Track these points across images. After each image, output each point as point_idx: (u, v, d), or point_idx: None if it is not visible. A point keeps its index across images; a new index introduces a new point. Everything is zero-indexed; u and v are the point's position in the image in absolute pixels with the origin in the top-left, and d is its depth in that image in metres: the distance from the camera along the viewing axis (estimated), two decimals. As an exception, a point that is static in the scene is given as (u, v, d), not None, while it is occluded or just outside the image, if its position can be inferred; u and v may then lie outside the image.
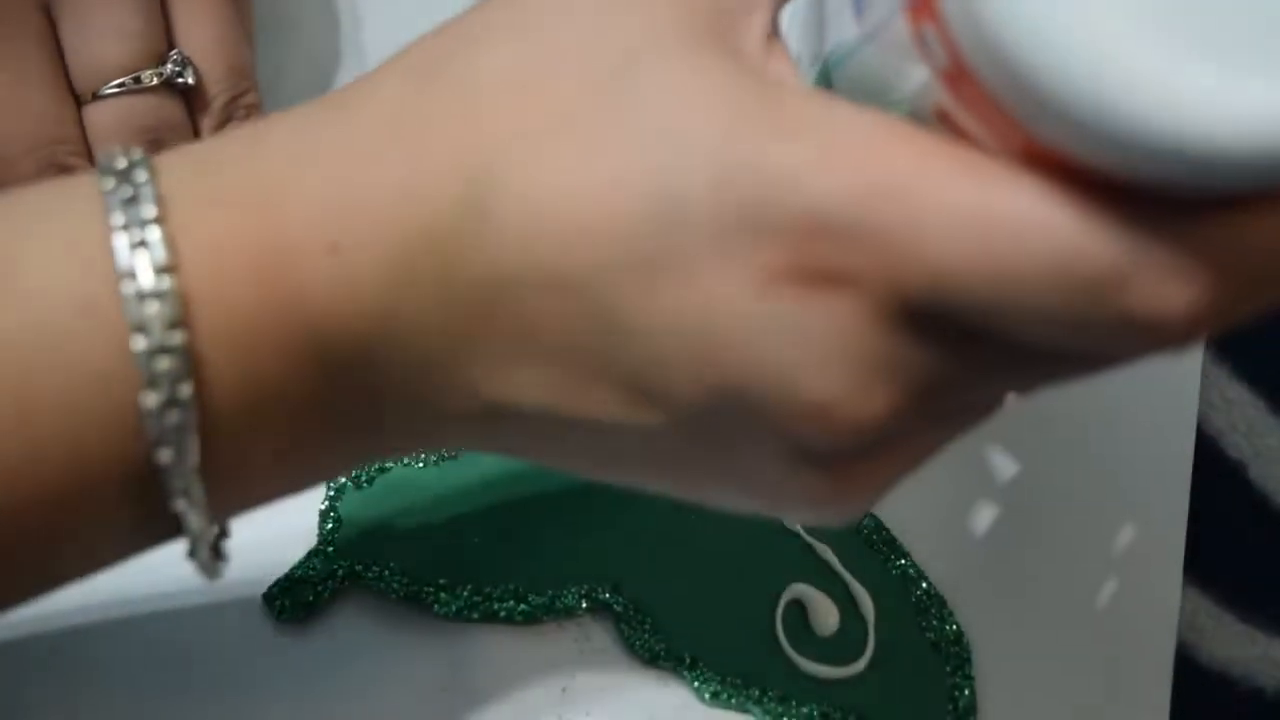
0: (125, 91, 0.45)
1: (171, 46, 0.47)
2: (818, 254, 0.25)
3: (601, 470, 0.31)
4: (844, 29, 0.29)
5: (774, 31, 0.28)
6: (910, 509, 0.48)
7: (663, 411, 0.27)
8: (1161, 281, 0.24)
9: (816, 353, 0.26)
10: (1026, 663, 0.46)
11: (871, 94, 0.28)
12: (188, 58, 0.47)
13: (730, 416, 0.27)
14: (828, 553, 0.47)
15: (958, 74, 0.24)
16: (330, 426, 0.30)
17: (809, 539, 0.47)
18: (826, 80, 0.31)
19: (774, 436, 0.27)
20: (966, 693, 0.45)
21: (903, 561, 0.47)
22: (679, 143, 0.26)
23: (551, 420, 0.28)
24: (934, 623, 0.46)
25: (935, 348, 0.26)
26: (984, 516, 0.49)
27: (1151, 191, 0.24)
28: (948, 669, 0.45)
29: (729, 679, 0.45)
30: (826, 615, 0.46)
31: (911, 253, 0.25)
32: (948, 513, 0.48)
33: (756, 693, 0.45)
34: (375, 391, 0.29)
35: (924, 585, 0.47)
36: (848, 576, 0.46)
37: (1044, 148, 0.24)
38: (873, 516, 0.48)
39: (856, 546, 0.47)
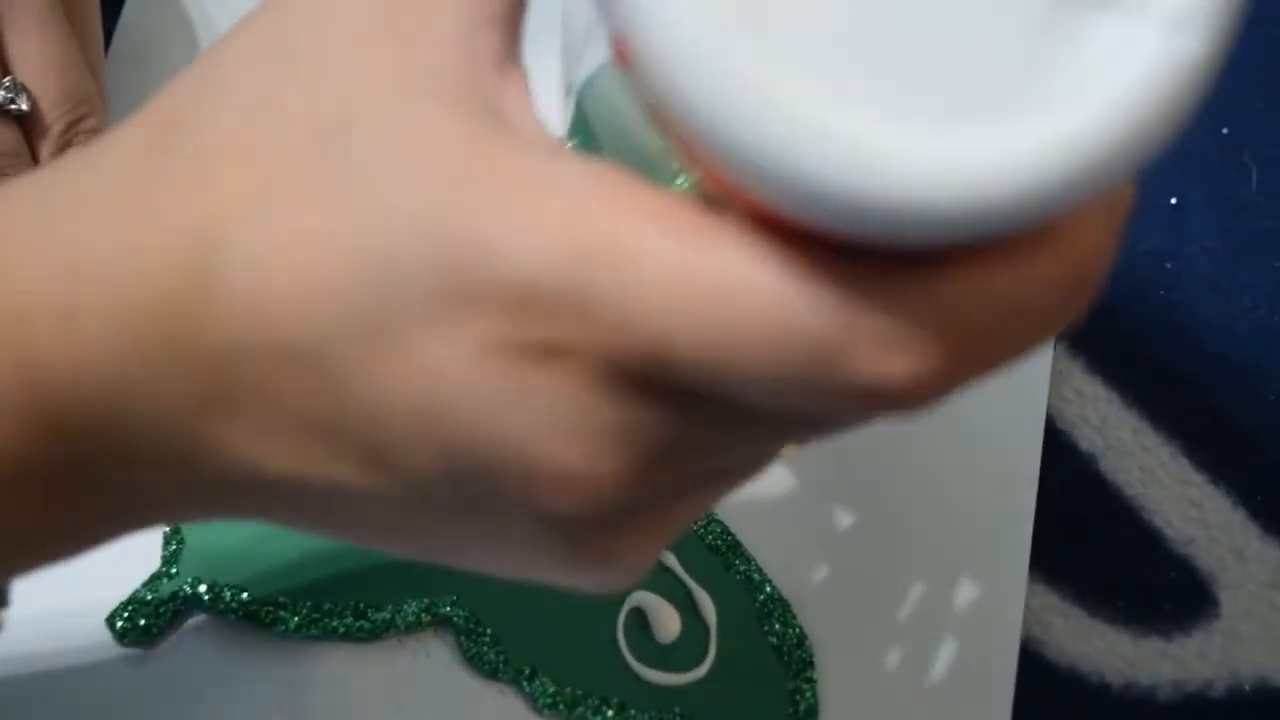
0: (-42, 120, 0.46)
1: (5, 73, 0.47)
2: (530, 325, 0.24)
3: (363, 538, 0.30)
4: (591, 55, 0.28)
5: (513, 57, 0.27)
6: (754, 512, 0.48)
7: (403, 481, 0.27)
8: (878, 349, 0.23)
9: (541, 423, 0.25)
10: (870, 665, 0.46)
11: (616, 129, 0.27)
12: (22, 84, 0.47)
13: (470, 484, 0.26)
14: (670, 559, 0.47)
15: (664, 116, 0.23)
16: (87, 496, 0.29)
17: (653, 546, 0.47)
18: (581, 112, 0.30)
19: (516, 506, 0.26)
20: (809, 696, 0.45)
21: (746, 566, 0.47)
22: (387, 203, 0.25)
23: (302, 490, 0.28)
24: (777, 626, 0.46)
25: (666, 413, 0.25)
26: (828, 517, 0.49)
27: (868, 250, 0.22)
28: (790, 672, 0.46)
29: (568, 689, 0.45)
30: (668, 622, 0.46)
31: (623, 319, 0.24)
32: (792, 515, 0.48)
33: (596, 702, 0.45)
34: (126, 461, 0.28)
35: (768, 589, 0.47)
36: (690, 582, 0.47)
37: (756, 203, 0.23)
38: (717, 521, 0.48)
39: (700, 552, 0.47)
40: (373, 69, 0.26)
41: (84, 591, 0.46)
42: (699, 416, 0.25)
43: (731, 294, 0.23)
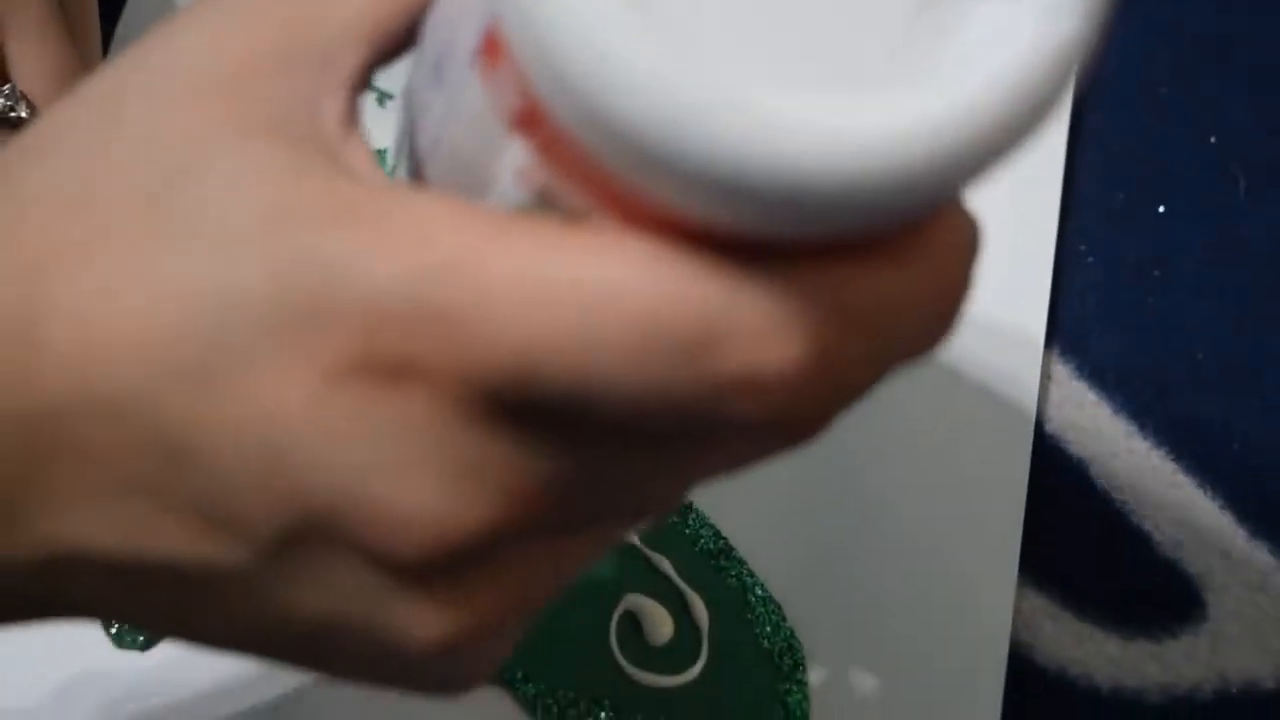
0: (-44, 127, 0.46)
1: (5, 81, 0.48)
2: (381, 345, 0.23)
3: (209, 636, 0.27)
4: (428, 115, 0.27)
5: (353, 121, 0.26)
6: (746, 515, 0.49)
7: (240, 541, 0.24)
8: (753, 340, 0.22)
9: (392, 456, 0.23)
10: (860, 667, 0.47)
11: (465, 185, 0.26)
12: (22, 92, 0.48)
13: (315, 539, 0.24)
14: (663, 563, 0.47)
15: (531, 115, 0.23)
16: None
17: (646, 550, 0.47)
18: (417, 179, 0.28)
19: (363, 559, 0.24)
20: (799, 698, 0.46)
21: (738, 569, 0.47)
22: (229, 240, 0.23)
23: (127, 568, 0.25)
24: (768, 629, 0.46)
25: (532, 444, 0.23)
26: (819, 520, 0.49)
27: (741, 244, 0.22)
28: (781, 675, 0.46)
29: (560, 691, 0.45)
30: (660, 625, 0.46)
31: (479, 333, 0.22)
32: (783, 518, 0.49)
33: (588, 704, 0.45)
34: None
35: (759, 592, 0.47)
36: (683, 585, 0.47)
37: (626, 196, 0.22)
38: (709, 525, 0.48)
39: (692, 555, 0.48)
40: (209, 120, 0.25)
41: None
42: (568, 450, 0.24)
43: (594, 296, 0.22)
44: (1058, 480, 0.51)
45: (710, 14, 0.21)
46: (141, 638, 0.45)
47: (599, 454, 0.24)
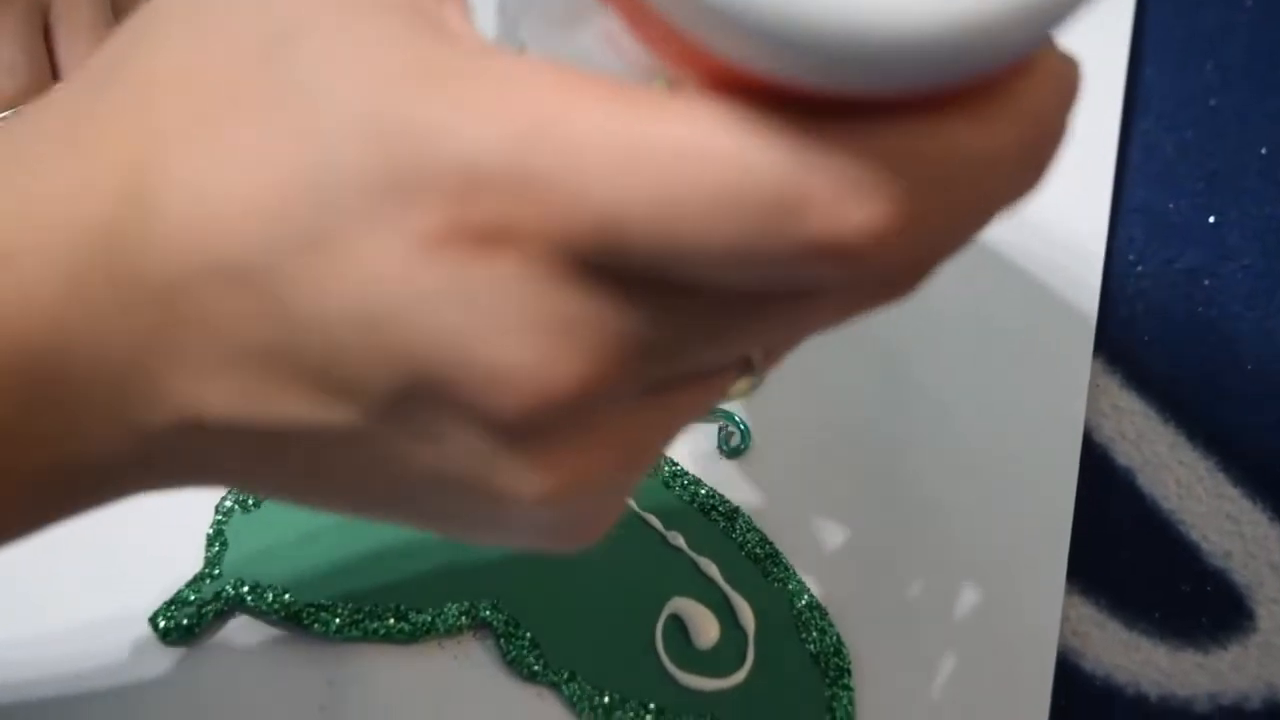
0: (9, 125, 0.46)
1: (57, 78, 0.48)
2: (475, 210, 0.23)
3: (325, 496, 0.29)
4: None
5: None
6: (793, 521, 0.49)
7: (355, 405, 0.25)
8: (835, 198, 0.22)
9: (490, 318, 0.24)
10: (907, 673, 0.47)
11: (559, 50, 0.27)
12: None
13: (422, 400, 0.25)
14: (710, 567, 0.47)
15: None
16: (35, 455, 0.28)
17: (691, 553, 0.47)
18: (516, 43, 0.29)
19: (468, 418, 0.25)
20: (845, 703, 0.46)
21: (784, 574, 0.47)
22: (328, 107, 0.24)
23: (253, 434, 0.26)
24: (814, 634, 0.46)
25: (624, 303, 0.24)
26: (866, 527, 0.49)
27: (824, 103, 0.22)
28: (827, 680, 0.46)
29: (606, 693, 0.45)
30: (707, 628, 0.46)
31: (571, 196, 0.23)
32: (830, 524, 0.49)
33: (634, 706, 0.45)
34: (73, 415, 0.27)
35: (805, 597, 0.47)
36: (729, 589, 0.47)
37: (707, 59, 0.22)
38: (756, 530, 0.48)
39: (739, 559, 0.48)
40: None
41: (127, 592, 0.46)
42: (660, 308, 0.24)
43: (682, 158, 0.22)
44: (1106, 489, 0.51)
45: None
46: (188, 630, 0.45)
47: (691, 313, 0.25)
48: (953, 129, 0.23)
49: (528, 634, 0.46)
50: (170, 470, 0.29)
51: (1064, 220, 0.55)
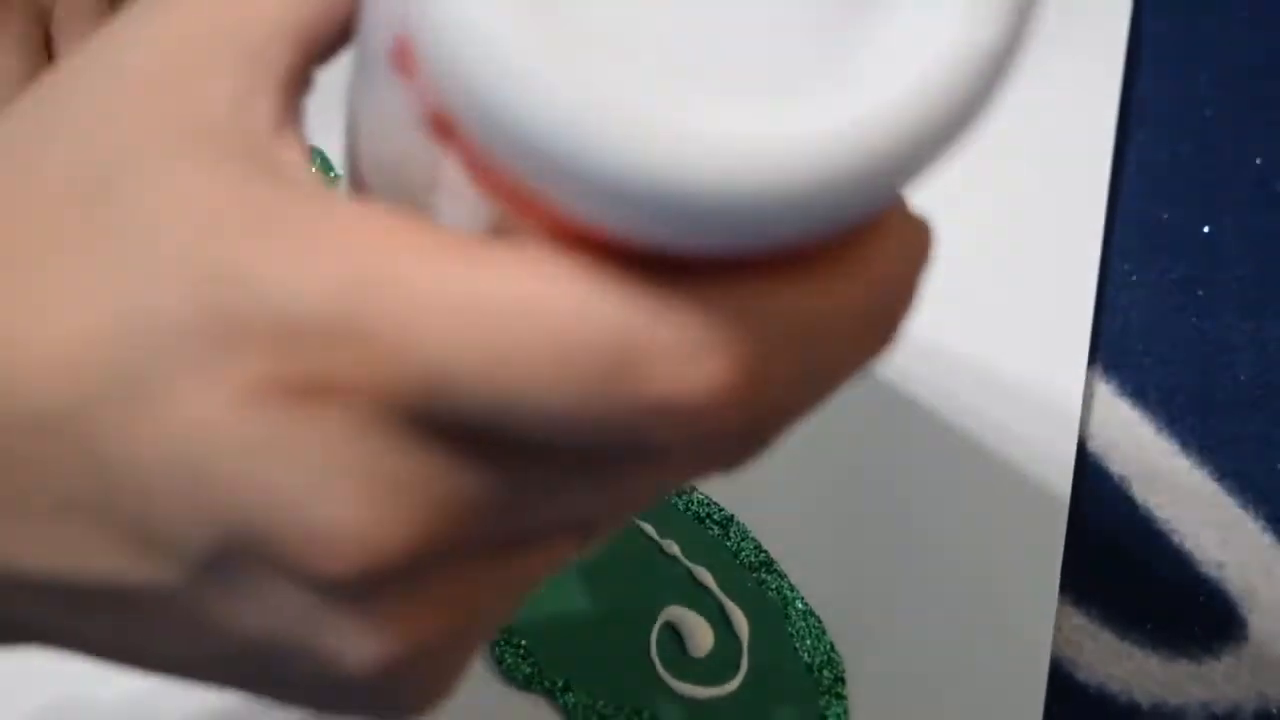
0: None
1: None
2: (297, 361, 0.22)
3: (153, 659, 0.27)
4: (362, 119, 0.26)
5: (288, 122, 0.25)
6: (787, 530, 0.49)
7: (172, 560, 0.24)
8: (673, 358, 0.21)
9: (312, 474, 0.22)
10: (900, 682, 0.47)
11: (397, 192, 0.25)
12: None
13: (243, 558, 0.24)
14: (705, 575, 0.47)
15: (447, 124, 0.22)
16: None
17: (686, 562, 0.47)
18: (358, 184, 0.28)
19: (291, 578, 0.24)
20: (839, 711, 0.46)
21: (779, 582, 0.48)
22: (147, 249, 0.23)
23: (64, 588, 0.25)
24: (808, 642, 0.47)
25: (456, 461, 0.23)
26: (860, 536, 0.49)
27: (662, 261, 0.21)
28: (820, 688, 0.46)
29: (601, 702, 0.45)
30: (701, 637, 0.46)
31: (397, 349, 0.22)
32: (824, 533, 0.49)
33: (628, 714, 0.45)
34: None
35: (799, 605, 0.47)
36: (723, 598, 0.47)
37: (545, 210, 0.22)
38: (751, 539, 0.48)
39: (734, 568, 0.48)
40: (135, 128, 0.24)
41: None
42: (494, 467, 0.23)
43: (515, 311, 0.21)
44: (1099, 499, 0.51)
45: (624, 24, 0.20)
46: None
47: (526, 471, 0.24)
48: (796, 291, 0.22)
49: (523, 641, 0.46)
50: None
51: (1059, 229, 0.55)
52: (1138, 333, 0.54)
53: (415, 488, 0.23)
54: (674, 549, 0.48)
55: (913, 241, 0.24)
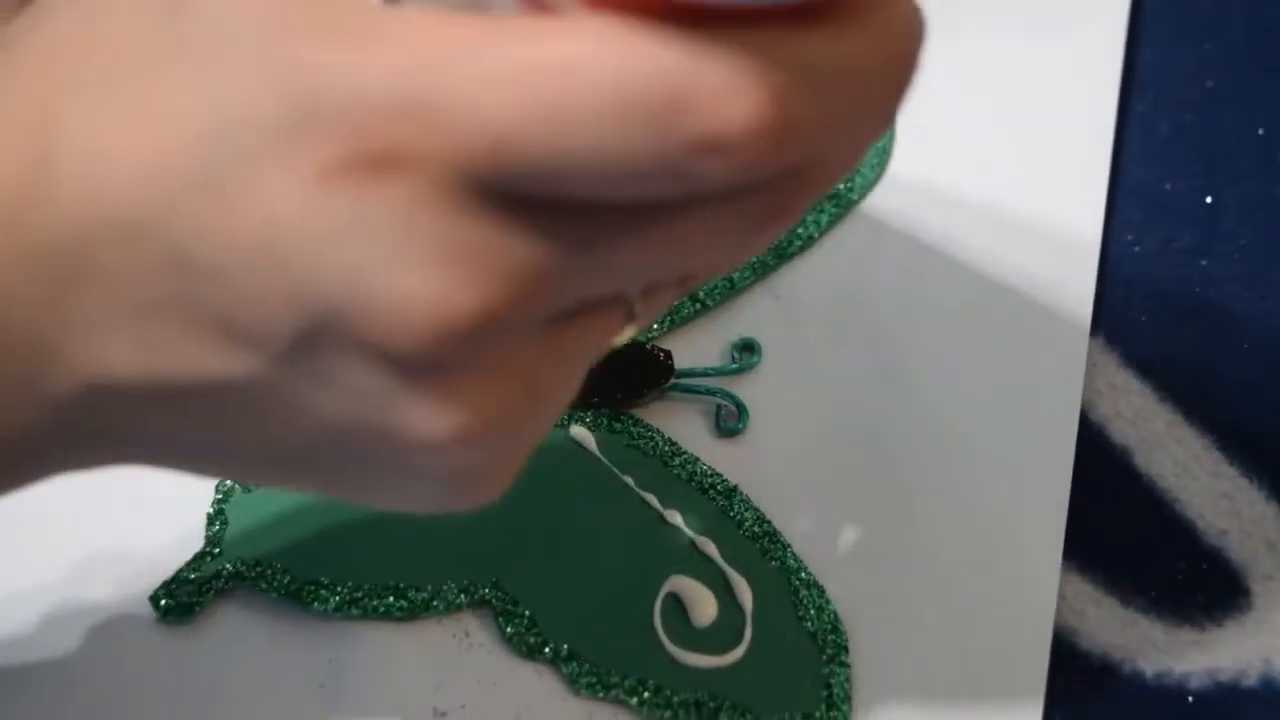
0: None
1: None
2: (369, 140, 0.24)
3: (233, 461, 0.29)
4: None
5: None
6: (790, 500, 0.49)
7: (256, 351, 0.26)
8: (714, 101, 0.23)
9: (387, 248, 0.24)
10: (904, 650, 0.47)
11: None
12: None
13: (324, 340, 0.25)
14: (708, 545, 0.47)
15: None
16: None
17: (689, 532, 0.47)
18: None
19: (369, 356, 0.25)
20: (842, 680, 0.46)
21: (782, 552, 0.48)
22: (228, 57, 0.25)
23: (155, 393, 0.27)
24: (811, 612, 0.47)
25: (519, 229, 0.25)
26: (863, 505, 0.49)
27: (706, 11, 0.23)
28: (824, 657, 0.46)
29: (605, 671, 0.45)
30: (705, 607, 0.46)
31: (460, 118, 0.23)
32: (827, 503, 0.49)
33: (632, 683, 0.45)
34: None
35: (803, 575, 0.47)
36: (726, 567, 0.47)
37: None
38: (753, 509, 0.48)
39: (737, 538, 0.48)
40: None
41: (127, 571, 0.46)
42: (553, 231, 0.25)
43: (563, 71, 0.23)
44: (1102, 468, 0.51)
45: None
46: (188, 609, 0.46)
47: (584, 233, 0.25)
48: (815, 37, 0.24)
49: (526, 612, 0.46)
50: (85, 444, 0.29)
51: (1061, 200, 0.55)
52: (1140, 303, 0.54)
53: (481, 257, 0.24)
54: (677, 519, 0.48)
55: (910, 10, 0.26)
